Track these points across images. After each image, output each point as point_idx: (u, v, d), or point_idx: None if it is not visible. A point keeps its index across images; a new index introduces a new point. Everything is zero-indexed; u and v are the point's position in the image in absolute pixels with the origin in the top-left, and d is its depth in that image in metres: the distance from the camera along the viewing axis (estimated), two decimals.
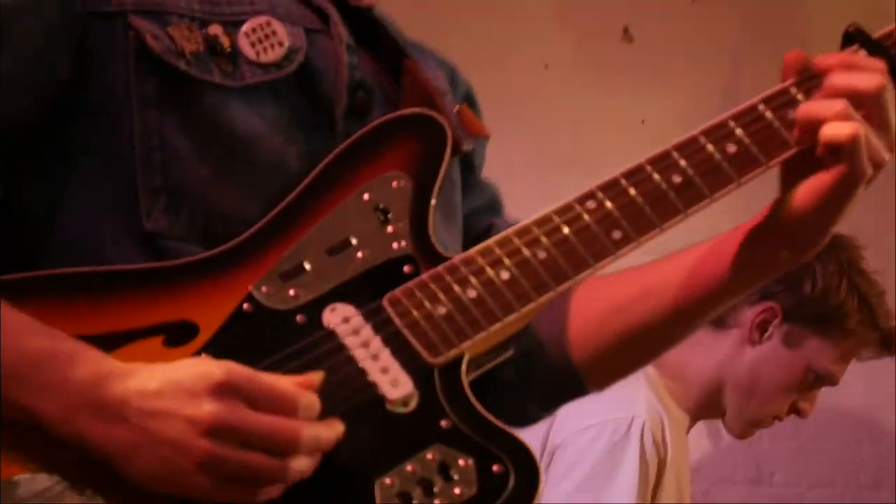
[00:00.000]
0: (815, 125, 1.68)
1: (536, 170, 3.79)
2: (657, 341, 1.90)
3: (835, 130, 1.67)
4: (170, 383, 1.48)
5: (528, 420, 1.95)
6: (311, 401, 1.53)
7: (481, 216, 1.95)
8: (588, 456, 3.14)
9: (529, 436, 3.20)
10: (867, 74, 1.70)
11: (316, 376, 1.56)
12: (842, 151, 1.67)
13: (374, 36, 1.86)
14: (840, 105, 1.68)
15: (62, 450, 1.48)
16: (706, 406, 3.39)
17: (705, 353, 3.38)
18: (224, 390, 1.47)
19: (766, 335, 3.38)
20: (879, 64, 1.73)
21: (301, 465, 1.50)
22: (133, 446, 1.46)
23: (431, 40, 2.02)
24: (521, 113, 3.72)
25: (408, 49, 1.88)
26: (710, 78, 4.08)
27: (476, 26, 3.77)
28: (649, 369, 3.31)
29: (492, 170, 2.03)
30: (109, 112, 1.66)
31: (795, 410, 3.44)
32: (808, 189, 1.71)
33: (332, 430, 1.53)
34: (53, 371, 1.48)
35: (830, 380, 3.43)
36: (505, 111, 3.62)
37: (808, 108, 1.70)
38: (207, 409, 1.46)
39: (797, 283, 3.37)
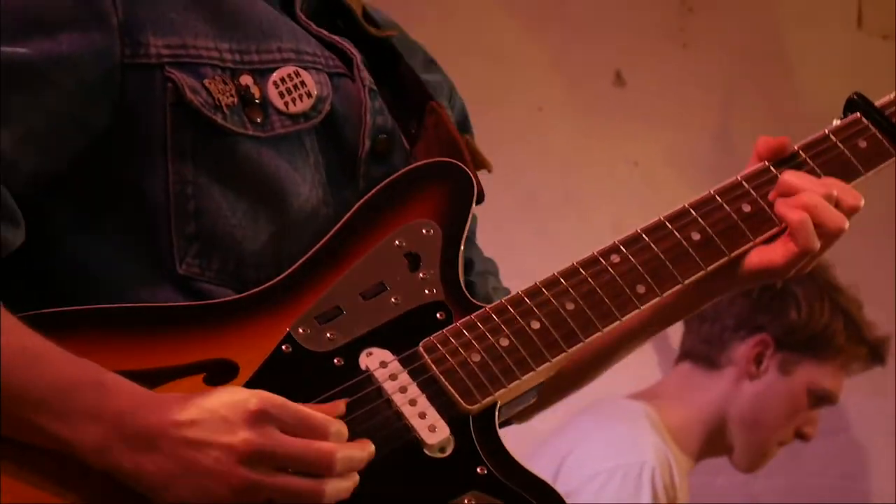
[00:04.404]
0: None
1: (530, 211, 3.83)
2: (601, 365, 1.98)
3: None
4: (205, 412, 1.52)
5: None
6: (341, 426, 1.57)
7: (486, 277, 1.99)
8: (601, 502, 3.17)
9: None
10: (838, 216, 1.83)
11: (341, 403, 1.61)
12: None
13: (393, 68, 1.90)
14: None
15: (96, 479, 1.51)
16: (711, 445, 3.43)
17: (703, 395, 3.42)
18: (259, 418, 1.52)
19: (763, 367, 3.43)
20: (855, 199, 1.84)
21: (337, 485, 1.55)
22: (170, 476, 1.50)
23: None
24: (515, 155, 3.75)
25: (424, 79, 1.91)
26: (701, 121, 4.13)
27: (472, 69, 3.82)
28: (652, 414, 3.35)
29: (485, 211, 2.05)
30: (144, 160, 1.69)
31: (800, 436, 3.48)
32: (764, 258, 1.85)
33: (364, 450, 1.58)
34: (85, 400, 1.52)
35: (831, 398, 3.48)
36: (499, 153, 3.62)
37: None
38: (243, 436, 1.51)
39: (782, 311, 3.42)
